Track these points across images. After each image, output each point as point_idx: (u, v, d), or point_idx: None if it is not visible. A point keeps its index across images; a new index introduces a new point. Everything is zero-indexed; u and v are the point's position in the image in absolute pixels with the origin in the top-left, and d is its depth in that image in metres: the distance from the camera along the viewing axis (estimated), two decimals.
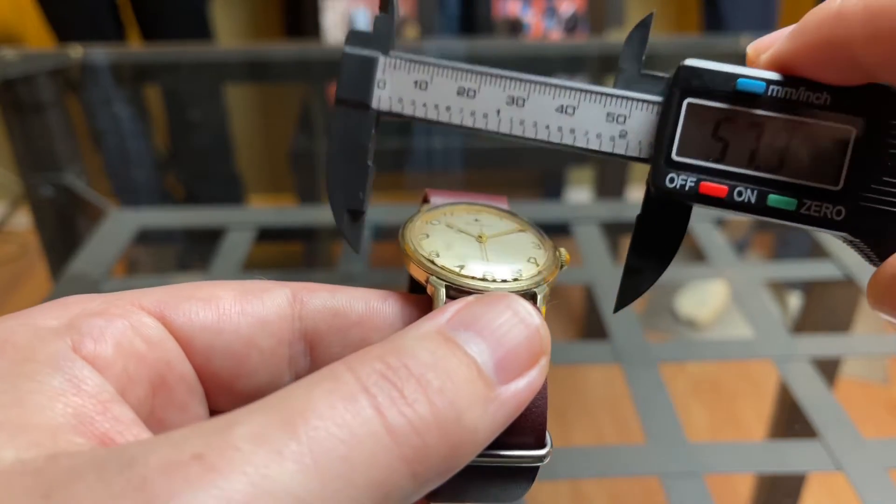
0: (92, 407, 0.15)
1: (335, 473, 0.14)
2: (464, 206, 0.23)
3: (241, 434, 0.14)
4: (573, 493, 1.00)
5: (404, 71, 0.21)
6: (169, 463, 0.13)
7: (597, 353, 0.49)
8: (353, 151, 0.21)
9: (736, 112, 0.19)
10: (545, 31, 1.52)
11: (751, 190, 0.19)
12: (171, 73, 0.95)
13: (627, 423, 1.11)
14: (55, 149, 0.71)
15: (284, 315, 0.20)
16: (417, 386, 0.15)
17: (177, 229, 0.67)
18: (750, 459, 0.42)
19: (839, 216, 0.19)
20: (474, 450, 0.16)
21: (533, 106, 0.21)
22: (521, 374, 0.17)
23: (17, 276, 1.54)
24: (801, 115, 0.19)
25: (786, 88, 0.19)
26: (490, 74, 0.21)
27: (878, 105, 0.19)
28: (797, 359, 0.49)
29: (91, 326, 0.17)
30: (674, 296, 1.44)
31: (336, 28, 1.48)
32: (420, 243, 0.21)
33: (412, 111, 0.21)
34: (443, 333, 0.17)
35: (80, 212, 0.71)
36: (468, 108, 0.21)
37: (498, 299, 0.18)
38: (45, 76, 0.72)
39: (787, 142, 0.19)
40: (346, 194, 0.22)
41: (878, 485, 0.39)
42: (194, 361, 0.19)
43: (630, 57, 0.21)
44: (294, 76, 1.04)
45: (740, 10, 1.39)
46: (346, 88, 0.21)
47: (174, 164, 1.37)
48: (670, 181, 0.20)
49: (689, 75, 0.20)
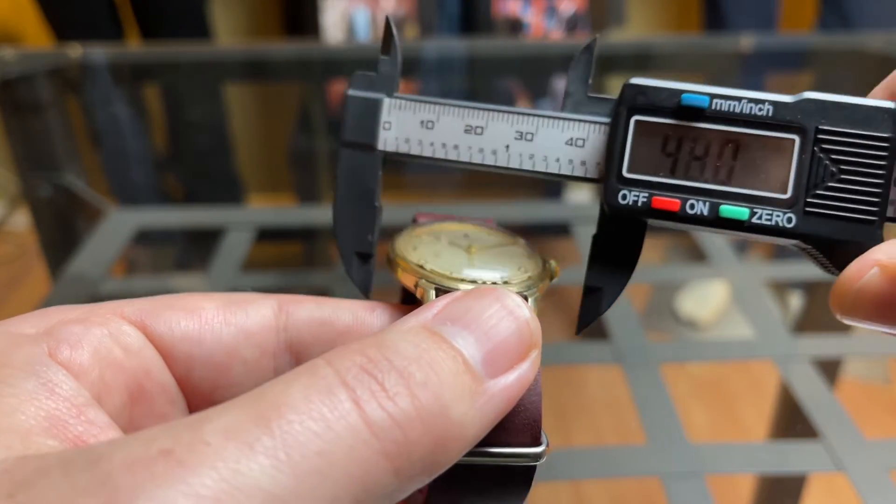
0: (66, 410, 0.15)
1: (310, 468, 0.13)
2: (453, 223, 0.23)
3: (212, 429, 0.13)
4: (573, 493, 1.00)
5: (410, 111, 0.21)
6: (135, 459, 0.13)
7: (597, 353, 0.49)
8: (360, 194, 0.22)
9: (682, 127, 0.20)
10: (545, 31, 1.52)
11: (702, 202, 0.20)
12: (171, 72, 0.94)
13: (627, 423, 1.11)
14: (54, 149, 0.71)
15: (269, 326, 0.20)
16: (399, 378, 0.15)
17: (176, 229, 0.67)
18: (751, 460, 0.42)
19: (790, 223, 0.19)
20: (462, 446, 0.15)
21: (542, 139, 0.21)
22: (510, 368, 0.16)
23: (16, 276, 1.54)
24: (745, 127, 0.20)
25: (729, 102, 0.20)
26: (497, 111, 0.21)
27: (813, 114, 0.19)
28: (798, 359, 0.49)
29: (68, 333, 0.17)
30: (674, 296, 1.44)
31: (336, 27, 1.48)
32: (409, 254, 0.21)
33: (419, 151, 0.21)
34: (428, 328, 0.16)
35: (78, 212, 0.71)
36: (476, 146, 0.21)
37: (486, 292, 0.17)
38: (45, 76, 0.72)
39: (734, 153, 0.20)
40: (354, 237, 0.22)
41: (880, 485, 0.39)
42: (175, 371, 0.19)
43: (577, 80, 0.21)
44: (294, 76, 1.04)
45: (741, 10, 1.39)
46: (352, 131, 0.21)
47: (173, 164, 1.36)
48: (623, 198, 0.20)
49: (635, 93, 0.20)
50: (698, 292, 1.42)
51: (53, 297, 0.55)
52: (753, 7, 1.40)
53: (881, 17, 1.25)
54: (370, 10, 1.48)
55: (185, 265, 0.98)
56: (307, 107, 1.34)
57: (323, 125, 1.23)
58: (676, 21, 1.77)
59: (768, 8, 1.42)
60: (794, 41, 1.08)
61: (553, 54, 0.94)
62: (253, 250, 0.61)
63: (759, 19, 1.39)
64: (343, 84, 1.24)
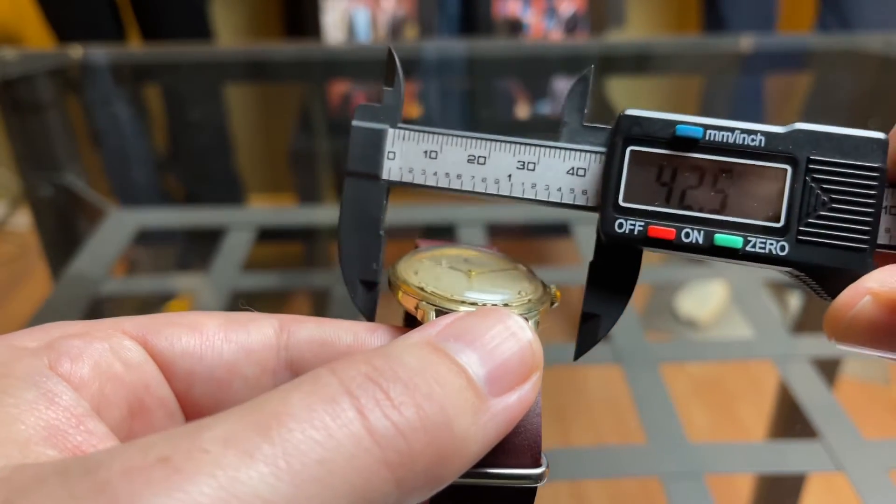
0: (65, 420, 0.15)
1: (311, 477, 0.13)
2: (453, 249, 0.23)
3: (211, 437, 0.13)
4: (573, 493, 1.00)
5: (414, 141, 0.22)
6: (133, 466, 0.13)
7: (597, 353, 0.49)
8: (364, 222, 0.22)
9: (677, 157, 0.20)
10: (545, 31, 1.52)
11: (697, 231, 0.20)
12: (171, 72, 0.95)
13: (627, 423, 1.11)
14: (55, 149, 0.71)
15: (270, 345, 0.20)
16: (405, 389, 0.15)
17: (177, 229, 0.67)
18: (750, 460, 0.42)
19: (783, 251, 0.20)
20: (464, 462, 0.15)
21: (543, 169, 0.21)
22: (512, 388, 0.16)
23: (17, 276, 1.54)
24: (738, 157, 0.20)
25: (722, 132, 0.20)
26: (500, 141, 0.21)
27: (804, 145, 0.20)
28: (797, 359, 0.49)
29: (69, 347, 0.17)
30: (674, 296, 1.44)
31: (336, 28, 1.48)
32: (409, 277, 0.21)
33: (423, 180, 0.22)
34: (432, 344, 0.16)
35: (79, 212, 0.71)
36: (479, 175, 0.21)
37: (489, 313, 0.17)
38: (45, 76, 0.72)
39: (728, 183, 0.20)
40: (359, 266, 0.22)
41: (879, 485, 0.39)
42: (175, 386, 0.19)
43: (572, 110, 0.21)
44: (294, 76, 1.04)
45: (740, 10, 1.39)
46: (356, 161, 0.22)
47: (174, 164, 1.36)
48: (619, 227, 0.21)
49: (630, 124, 0.21)
50: (698, 292, 1.42)
51: (54, 297, 0.55)
52: (752, 8, 1.40)
53: (880, 17, 1.26)
54: (370, 11, 1.48)
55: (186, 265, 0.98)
56: (308, 107, 1.34)
57: (323, 125, 1.23)
58: (676, 22, 1.77)
59: (767, 8, 1.42)
60: (793, 42, 1.08)
61: (553, 55, 0.94)
62: (253, 250, 0.61)
63: (759, 20, 1.39)
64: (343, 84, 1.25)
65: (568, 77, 1.39)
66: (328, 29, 1.48)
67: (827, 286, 0.20)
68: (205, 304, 0.55)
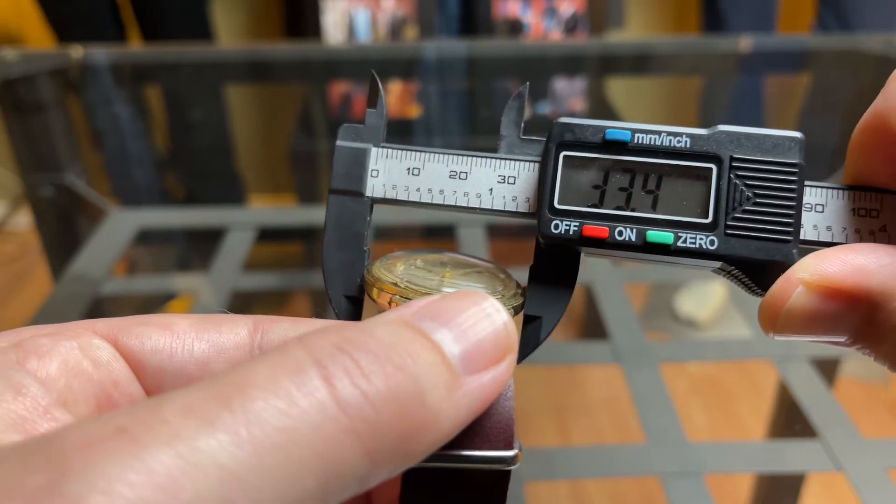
0: (32, 409, 0.15)
1: (272, 445, 0.13)
2: (430, 253, 0.24)
3: (171, 409, 0.13)
4: (573, 493, 1.00)
5: (396, 159, 0.22)
6: (89, 437, 0.12)
7: (597, 353, 0.49)
8: (348, 239, 0.23)
9: (608, 159, 0.21)
10: (545, 32, 1.52)
11: (630, 229, 0.21)
12: (171, 73, 0.95)
13: (627, 423, 1.11)
14: (56, 149, 0.71)
15: (242, 343, 0.20)
16: (376, 359, 0.14)
17: (177, 229, 0.68)
18: (750, 459, 0.42)
19: (713, 245, 0.21)
20: (435, 439, 0.15)
21: (522, 182, 0.22)
22: (486, 368, 0.16)
23: (18, 276, 1.54)
24: (666, 158, 0.21)
25: (649, 135, 0.21)
26: (480, 157, 0.22)
27: (727, 144, 0.21)
28: (797, 359, 0.49)
29: (37, 345, 0.17)
30: (674, 296, 1.44)
31: (336, 28, 1.48)
32: (384, 275, 0.22)
33: (406, 196, 0.22)
34: (407, 321, 0.16)
35: (80, 212, 0.71)
36: (461, 190, 0.22)
37: (464, 295, 0.17)
38: (46, 76, 0.72)
39: (657, 183, 0.21)
40: (343, 281, 0.23)
41: (878, 485, 0.40)
42: (145, 384, 0.19)
43: (511, 125, 0.22)
44: (294, 76, 1.04)
45: (740, 11, 1.39)
46: (340, 179, 0.22)
47: (174, 165, 1.37)
48: (555, 227, 0.21)
49: (563, 130, 0.22)
50: (697, 292, 1.42)
51: (55, 297, 0.55)
52: (752, 8, 1.40)
53: (879, 17, 1.26)
54: (370, 11, 1.48)
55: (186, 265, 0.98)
56: (308, 107, 1.35)
57: (323, 126, 1.23)
58: (675, 22, 1.78)
59: (767, 9, 1.42)
60: (792, 42, 1.08)
61: (552, 55, 0.94)
62: (253, 250, 0.61)
63: (758, 20, 1.39)
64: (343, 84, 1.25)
65: (568, 77, 1.39)
66: (328, 29, 1.48)
67: (758, 280, 0.21)
68: (205, 304, 0.56)
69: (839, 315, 0.19)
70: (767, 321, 0.19)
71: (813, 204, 0.21)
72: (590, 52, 0.98)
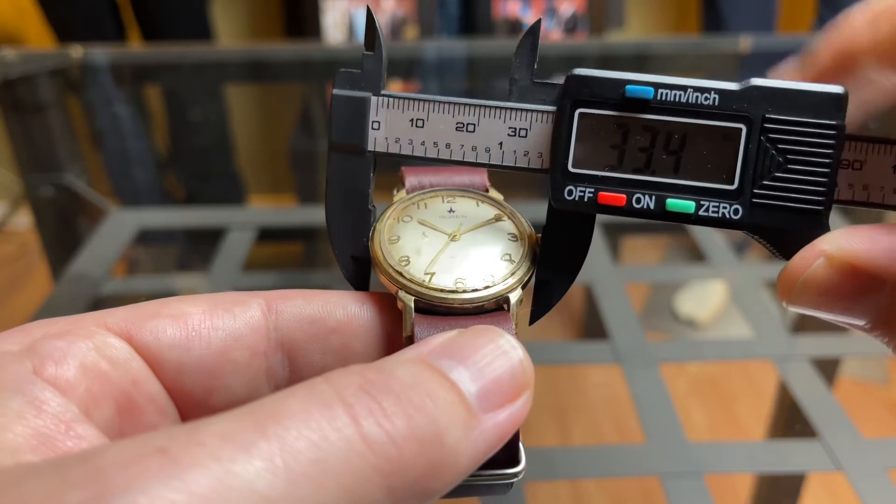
0: (54, 427, 0.15)
1: (305, 475, 0.13)
2: (439, 194, 0.23)
3: (209, 432, 0.13)
4: (573, 493, 1.00)
5: (398, 110, 0.21)
6: (129, 455, 0.13)
7: (597, 353, 0.49)
8: (352, 198, 0.21)
9: (627, 118, 0.19)
10: (545, 32, 1.52)
11: (649, 196, 0.19)
12: (171, 73, 0.95)
13: (627, 423, 1.11)
14: (55, 149, 0.71)
15: (258, 326, 0.20)
16: (397, 400, 0.15)
17: (177, 229, 0.68)
18: (750, 459, 0.42)
19: (737, 215, 0.19)
20: (454, 476, 0.16)
21: (535, 135, 0.20)
22: (503, 406, 0.17)
23: (18, 276, 1.54)
24: (691, 117, 0.19)
25: (674, 91, 0.19)
26: (489, 106, 0.20)
27: (760, 102, 0.19)
28: (797, 359, 0.49)
29: (52, 349, 0.17)
30: (674, 296, 1.44)
31: (336, 28, 1.48)
32: (390, 250, 0.21)
33: (410, 151, 0.21)
34: (425, 360, 0.16)
35: (80, 212, 0.71)
36: (469, 143, 0.20)
37: (481, 332, 0.18)
38: (46, 76, 0.72)
39: (680, 144, 0.19)
40: (349, 242, 0.21)
41: (878, 485, 0.40)
42: (164, 379, 0.19)
43: (522, 66, 0.20)
44: (294, 76, 1.04)
45: (740, 11, 1.39)
46: (340, 132, 0.21)
47: (174, 165, 1.36)
48: (569, 193, 0.20)
49: (579, 85, 0.20)
50: (697, 292, 1.42)
51: (55, 297, 0.55)
52: (752, 8, 1.40)
53: None
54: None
55: (186, 265, 0.98)
56: (308, 107, 1.35)
57: (323, 126, 1.23)
58: (675, 22, 1.78)
59: (767, 9, 1.42)
60: (793, 42, 1.08)
61: (552, 55, 0.94)
62: (253, 250, 0.61)
63: (758, 20, 1.39)
64: None
65: None
66: (328, 29, 1.48)
67: (782, 248, 0.19)
68: None
69: (859, 296, 0.18)
70: (784, 289, 0.19)
71: (850, 160, 0.19)
72: (590, 52, 0.98)
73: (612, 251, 0.61)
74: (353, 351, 0.20)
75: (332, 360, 0.20)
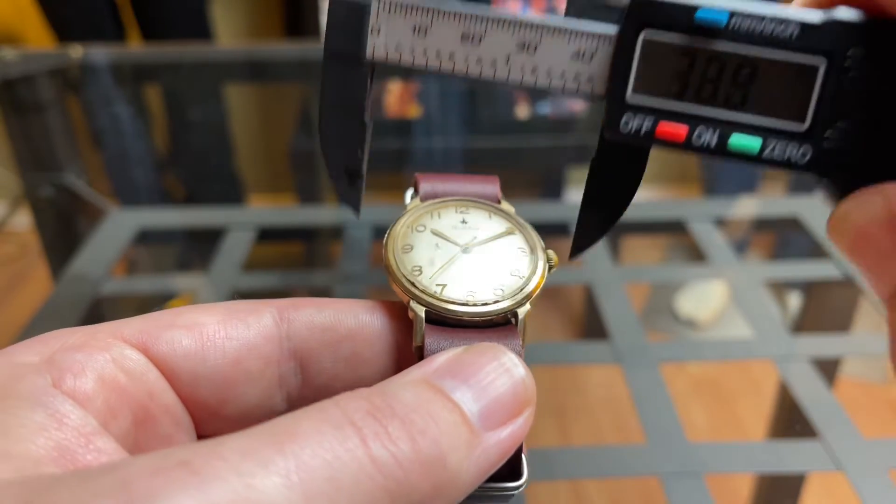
0: (74, 440, 0.15)
1: (320, 492, 0.14)
2: (452, 204, 0.23)
3: (229, 448, 0.14)
4: (573, 493, 1.00)
5: (401, 15, 0.19)
6: (153, 467, 0.13)
7: (597, 353, 0.49)
8: (347, 108, 0.20)
9: (695, 47, 0.18)
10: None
11: (711, 130, 0.18)
12: (171, 73, 0.95)
13: (627, 423, 1.11)
14: (55, 149, 0.71)
15: (271, 336, 0.20)
16: (401, 425, 0.15)
17: (177, 229, 0.68)
18: (750, 459, 0.42)
19: (804, 158, 0.18)
20: (457, 494, 0.16)
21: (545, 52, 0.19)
22: (505, 423, 0.17)
23: (18, 276, 1.54)
24: (766, 48, 0.18)
25: (751, 21, 0.18)
26: (498, 18, 0.19)
27: (842, 37, 0.17)
28: (797, 359, 0.49)
29: (71, 361, 0.17)
30: (674, 296, 1.44)
31: None
32: (402, 259, 0.21)
33: (411, 60, 0.19)
34: (428, 381, 0.17)
35: (80, 212, 0.71)
36: (473, 55, 0.19)
37: (484, 350, 0.18)
38: (45, 76, 0.72)
39: (750, 77, 0.18)
40: (342, 153, 0.20)
41: (879, 485, 0.39)
42: (179, 390, 0.19)
43: None
44: (294, 76, 1.04)
45: None
46: (337, 39, 0.20)
47: (174, 164, 1.36)
48: (625, 124, 0.19)
49: (645, 7, 0.18)
50: (698, 292, 1.42)
51: (55, 298, 0.55)
52: None
53: None
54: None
55: (186, 265, 0.98)
56: (308, 107, 1.34)
57: None
58: None
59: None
60: None
61: None
62: (253, 250, 0.61)
63: None
64: None
65: None
66: None
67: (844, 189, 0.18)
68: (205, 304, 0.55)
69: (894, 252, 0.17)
70: (831, 217, 0.18)
71: None
72: None
73: (613, 251, 0.61)
74: (363, 359, 0.21)
75: (343, 368, 0.21)
